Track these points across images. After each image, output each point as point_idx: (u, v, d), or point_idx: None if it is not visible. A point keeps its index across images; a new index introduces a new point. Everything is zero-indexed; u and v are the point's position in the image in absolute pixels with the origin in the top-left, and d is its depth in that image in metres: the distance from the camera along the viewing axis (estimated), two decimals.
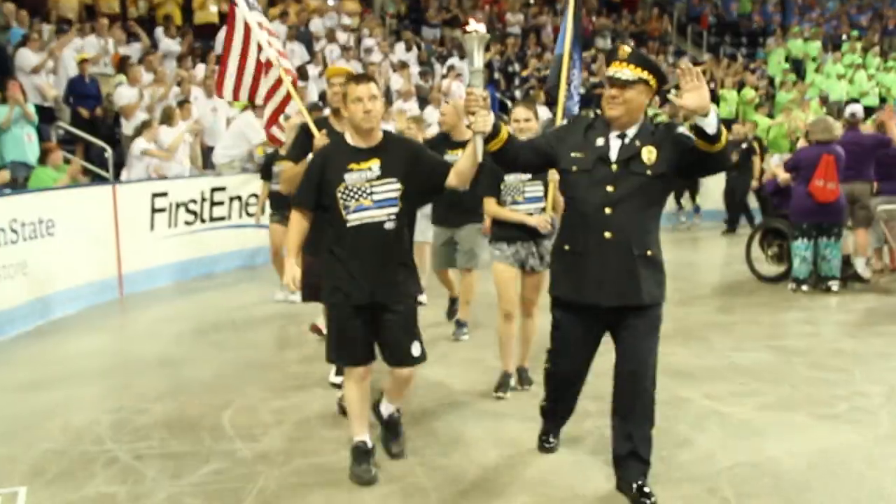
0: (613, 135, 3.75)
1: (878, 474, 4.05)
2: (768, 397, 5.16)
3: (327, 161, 4.05)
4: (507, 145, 3.77)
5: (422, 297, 6.65)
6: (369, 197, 3.93)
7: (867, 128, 9.48)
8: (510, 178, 5.09)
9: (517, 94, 17.07)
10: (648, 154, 3.67)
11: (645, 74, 3.68)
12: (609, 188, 3.68)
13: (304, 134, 5.15)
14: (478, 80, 3.64)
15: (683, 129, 3.70)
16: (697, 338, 6.69)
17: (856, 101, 16.98)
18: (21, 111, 9.32)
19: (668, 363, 4.97)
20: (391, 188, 3.95)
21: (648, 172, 3.67)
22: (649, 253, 3.71)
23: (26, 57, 10.76)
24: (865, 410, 4.93)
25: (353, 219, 3.93)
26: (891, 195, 8.73)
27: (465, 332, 6.79)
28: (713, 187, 13.83)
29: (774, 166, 9.16)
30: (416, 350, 4.05)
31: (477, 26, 3.64)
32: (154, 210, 9.43)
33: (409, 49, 16.96)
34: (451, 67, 16.19)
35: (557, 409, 4.26)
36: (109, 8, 14.74)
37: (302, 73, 14.11)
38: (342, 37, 16.30)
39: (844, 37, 22.23)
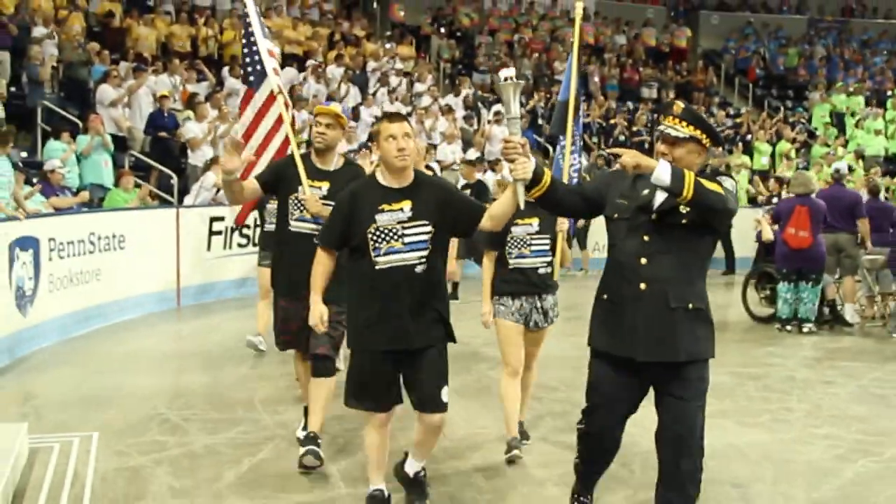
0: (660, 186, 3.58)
1: (771, 463, 4.98)
2: (710, 408, 6.03)
3: (357, 200, 3.94)
4: (550, 191, 3.68)
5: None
6: (400, 239, 3.85)
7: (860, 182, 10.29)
8: (517, 231, 4.93)
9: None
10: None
11: (697, 133, 3.58)
12: (645, 237, 3.58)
13: (282, 165, 5.07)
14: (515, 127, 3.59)
15: (724, 179, 3.59)
16: None
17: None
18: (101, 140, 10.73)
19: None
20: (422, 230, 3.87)
21: (684, 221, 3.54)
22: (691, 306, 3.56)
23: (106, 92, 12.22)
24: (784, 421, 5.83)
25: (383, 261, 3.84)
26: (879, 246, 9.52)
27: None
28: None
29: (762, 218, 10.04)
30: (445, 395, 3.94)
31: (509, 73, 3.60)
32: (211, 232, 10.71)
33: (457, 94, 18.13)
34: (496, 113, 17.31)
35: (592, 470, 4.04)
36: (182, 46, 16.25)
37: (355, 114, 15.41)
38: (394, 80, 17.56)
39: (889, 93, 22.78)
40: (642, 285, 3.54)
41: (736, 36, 26.02)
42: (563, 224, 5.12)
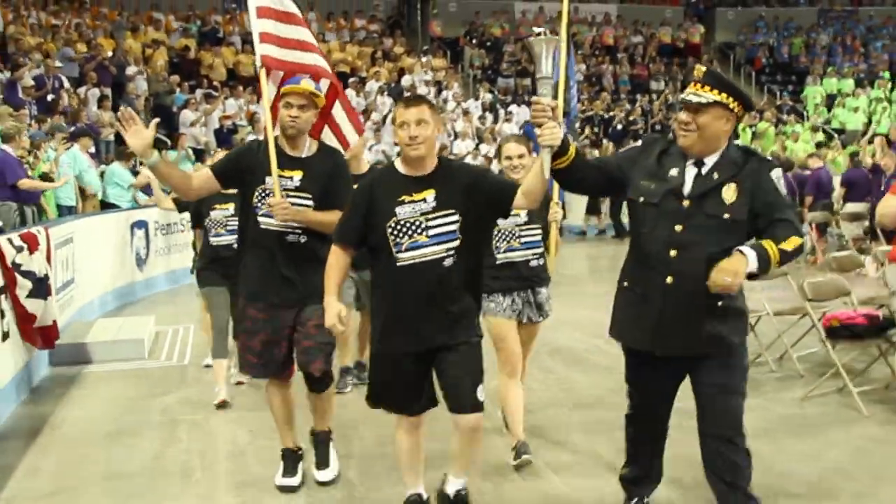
0: (689, 163, 3.34)
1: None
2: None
3: (375, 192, 3.63)
4: (574, 164, 3.39)
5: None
6: (424, 232, 3.53)
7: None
8: (504, 223, 4.48)
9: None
10: (728, 192, 3.25)
11: (723, 97, 3.25)
12: (677, 227, 3.29)
13: (245, 152, 4.40)
14: (546, 88, 3.28)
15: (777, 172, 3.38)
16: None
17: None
18: (185, 154, 14.15)
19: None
20: (449, 220, 3.55)
21: (726, 216, 3.26)
22: (720, 303, 3.30)
23: (187, 116, 15.75)
24: None
25: (406, 257, 3.53)
26: None
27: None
28: None
29: None
30: (480, 394, 3.62)
31: (543, 28, 3.33)
32: None
33: (476, 98, 21.16)
34: (509, 112, 20.30)
35: (638, 470, 3.77)
36: (247, 72, 19.69)
37: (385, 120, 18.58)
38: (423, 90, 20.67)
39: (881, 74, 24.79)
40: (669, 279, 3.29)
41: (748, 29, 28.31)
42: (556, 214, 4.81)
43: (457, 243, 3.57)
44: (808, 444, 5.03)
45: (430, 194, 3.58)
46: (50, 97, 14.07)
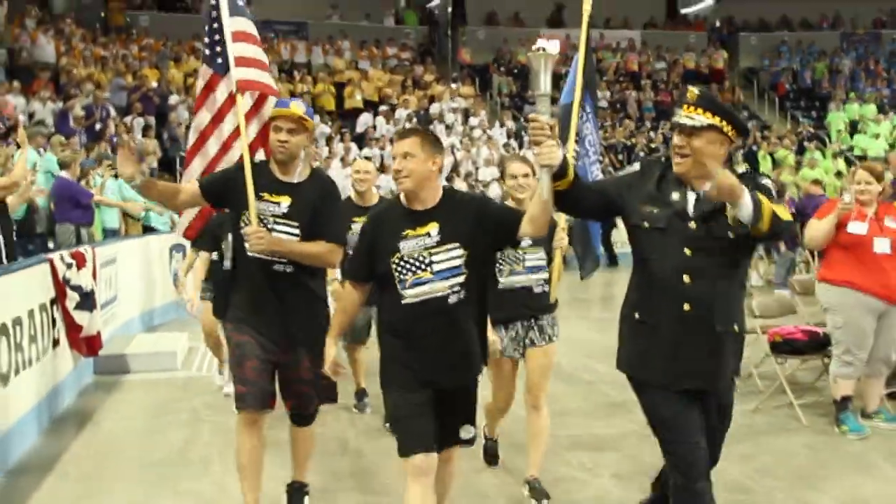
0: (689, 187, 3.31)
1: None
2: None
3: (379, 226, 3.59)
4: (573, 186, 3.31)
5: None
6: (428, 268, 3.45)
7: None
8: None
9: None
10: (731, 211, 3.12)
11: (716, 121, 3.23)
12: (687, 251, 3.22)
13: (235, 172, 4.19)
14: (544, 105, 3.19)
15: (767, 181, 3.36)
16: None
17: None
18: None
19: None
20: (453, 255, 3.47)
21: (731, 235, 3.20)
22: (736, 328, 3.29)
23: None
24: None
25: (411, 294, 3.45)
26: None
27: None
28: None
29: None
30: (465, 432, 3.64)
31: (546, 44, 3.19)
32: None
33: (502, 125, 21.95)
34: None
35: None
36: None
37: None
38: (451, 117, 21.50)
39: None
40: (686, 306, 3.21)
41: (771, 54, 28.69)
42: (562, 240, 4.65)
43: (462, 279, 3.49)
44: (745, 447, 5.67)
45: (433, 228, 3.51)
46: (98, 126, 15.16)
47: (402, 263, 3.48)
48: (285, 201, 4.06)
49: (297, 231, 4.08)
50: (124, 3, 23.54)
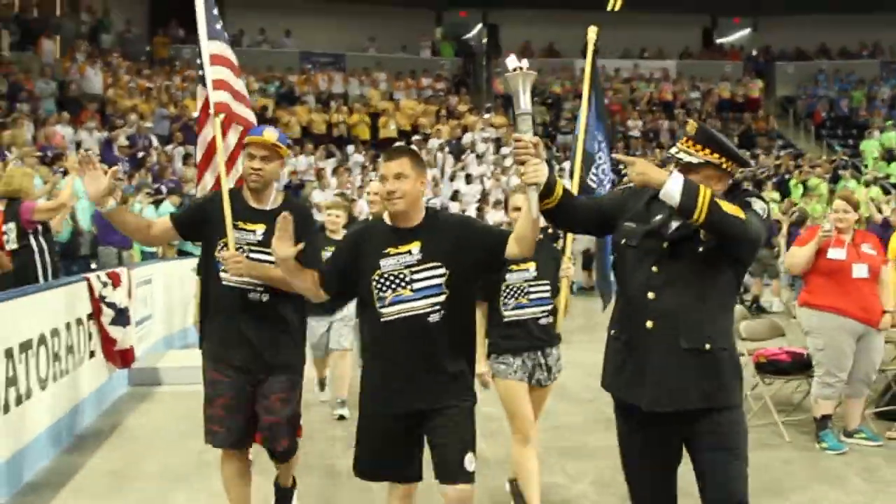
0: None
1: None
2: None
3: (361, 243, 3.59)
4: (564, 202, 3.27)
5: None
6: (409, 286, 3.45)
7: None
8: (512, 277, 4.46)
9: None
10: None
11: (714, 157, 3.18)
12: (654, 268, 3.20)
13: (208, 203, 4.20)
14: (526, 124, 3.18)
15: (754, 201, 3.21)
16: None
17: None
18: None
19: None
20: (434, 273, 3.47)
21: (700, 249, 3.14)
22: (707, 346, 3.15)
23: None
24: None
25: (390, 312, 3.46)
26: None
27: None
28: None
29: None
30: (469, 463, 3.47)
31: (519, 63, 3.17)
32: None
33: None
34: (561, 169, 21.42)
35: None
36: (319, 129, 21.47)
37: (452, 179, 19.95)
38: (482, 146, 22.01)
39: None
40: (649, 323, 3.18)
41: (808, 83, 28.73)
42: (568, 270, 4.74)
43: (442, 298, 3.47)
44: None
45: (415, 246, 3.50)
46: (140, 154, 15.93)
47: (381, 280, 3.49)
48: (260, 228, 4.05)
49: (273, 259, 3.89)
50: (168, 38, 24.53)
